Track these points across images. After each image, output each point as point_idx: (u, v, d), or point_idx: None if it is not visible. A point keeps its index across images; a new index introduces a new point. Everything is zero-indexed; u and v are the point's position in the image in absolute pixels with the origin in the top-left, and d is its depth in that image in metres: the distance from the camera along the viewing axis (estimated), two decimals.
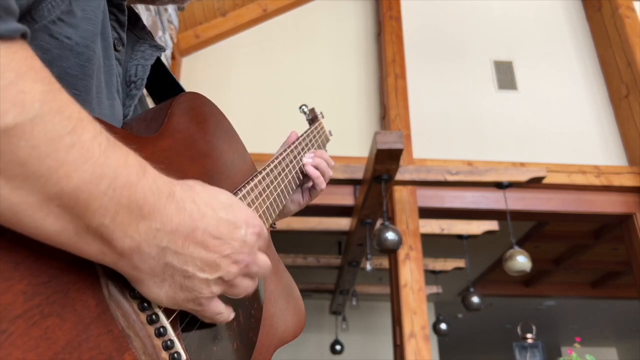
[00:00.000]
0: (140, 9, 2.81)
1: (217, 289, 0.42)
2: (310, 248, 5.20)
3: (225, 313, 0.45)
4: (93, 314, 0.35)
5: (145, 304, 0.39)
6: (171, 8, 3.68)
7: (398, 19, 4.34)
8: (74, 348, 0.32)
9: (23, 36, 0.31)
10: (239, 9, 4.44)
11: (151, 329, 0.39)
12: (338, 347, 6.11)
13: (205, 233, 0.40)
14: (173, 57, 4.01)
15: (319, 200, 3.47)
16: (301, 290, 0.72)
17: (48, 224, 0.32)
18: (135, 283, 0.39)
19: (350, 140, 3.97)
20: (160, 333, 0.39)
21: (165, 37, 3.51)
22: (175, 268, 0.39)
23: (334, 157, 0.95)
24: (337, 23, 4.62)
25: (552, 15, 4.65)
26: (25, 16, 0.41)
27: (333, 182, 3.47)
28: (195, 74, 4.21)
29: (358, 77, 4.36)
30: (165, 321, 0.40)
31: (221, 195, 0.44)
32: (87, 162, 0.32)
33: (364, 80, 4.34)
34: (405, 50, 4.23)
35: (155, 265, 0.38)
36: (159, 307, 0.40)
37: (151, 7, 3.12)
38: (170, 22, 3.66)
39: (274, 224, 0.84)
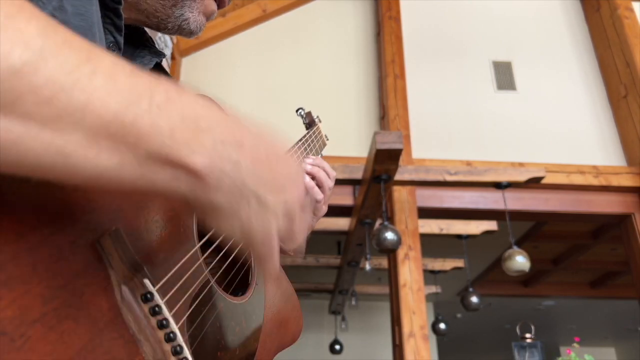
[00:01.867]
0: None
1: (282, 221, 0.40)
2: (309, 248, 5.17)
3: (278, 255, 0.43)
4: (106, 318, 0.35)
5: (156, 308, 0.39)
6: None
7: (397, 19, 4.35)
8: (88, 352, 0.32)
9: None
10: (239, 9, 4.45)
11: (161, 334, 0.39)
12: (337, 347, 6.12)
13: (267, 150, 0.39)
14: (173, 58, 4.01)
15: None
16: (300, 290, 0.73)
17: (105, 160, 0.29)
18: (212, 215, 0.36)
19: (350, 140, 3.98)
20: (170, 338, 0.39)
21: (165, 38, 3.51)
22: (250, 190, 0.37)
23: (333, 157, 0.95)
24: (336, 23, 4.63)
25: (551, 16, 4.66)
26: None
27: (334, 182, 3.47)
28: (195, 74, 4.22)
29: (357, 77, 4.37)
30: (174, 326, 0.40)
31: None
32: (116, 86, 0.30)
33: (363, 80, 4.35)
34: (404, 51, 4.24)
35: (233, 185, 0.35)
36: (169, 312, 0.40)
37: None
38: None
39: (291, 251, 0.83)
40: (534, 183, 3.33)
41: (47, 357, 0.29)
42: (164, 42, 3.51)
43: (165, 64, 3.50)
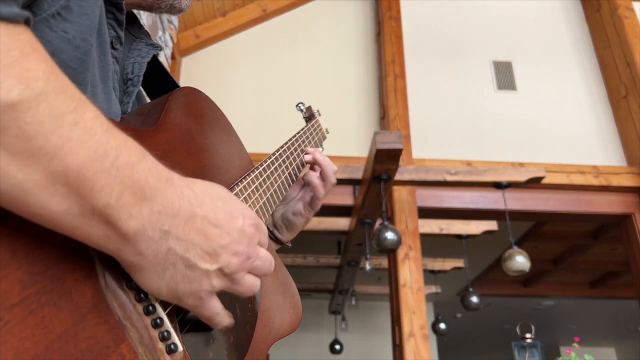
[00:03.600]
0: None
1: (217, 283, 0.42)
2: (309, 248, 5.20)
3: (222, 314, 0.44)
4: (90, 304, 0.35)
5: (142, 295, 0.39)
6: (167, 15, 3.68)
7: (397, 19, 4.35)
8: (71, 337, 0.32)
9: (26, 22, 0.32)
10: (239, 9, 4.45)
11: (148, 320, 0.39)
12: (337, 347, 6.12)
13: (204, 220, 0.40)
14: (173, 57, 4.01)
15: None
16: (300, 290, 0.73)
17: (54, 204, 0.32)
18: (136, 273, 0.38)
19: (350, 140, 3.98)
20: (157, 324, 0.39)
21: (165, 37, 3.51)
22: (177, 255, 0.39)
23: (333, 157, 0.94)
24: (336, 23, 4.63)
25: (551, 16, 4.65)
26: (26, 9, 0.41)
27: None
28: (195, 74, 4.22)
29: (357, 77, 4.36)
30: (162, 313, 0.40)
31: (217, 188, 0.44)
32: (90, 140, 0.33)
33: (364, 80, 4.35)
34: (404, 51, 4.23)
35: (158, 252, 0.38)
36: (156, 299, 0.40)
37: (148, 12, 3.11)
38: (170, 22, 3.66)
39: (290, 242, 0.83)
40: (534, 183, 3.32)
41: (27, 340, 0.29)
42: (164, 42, 3.51)
43: (165, 63, 3.50)
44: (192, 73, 4.22)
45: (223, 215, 0.42)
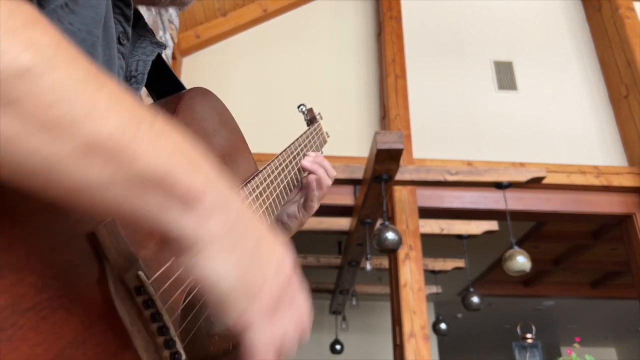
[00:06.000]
0: (141, 8, 2.82)
1: (269, 290, 0.36)
2: (310, 248, 5.20)
3: (272, 340, 0.36)
4: (99, 310, 0.34)
5: (150, 302, 0.39)
6: (171, 8, 3.68)
7: (398, 19, 4.35)
8: (80, 344, 0.32)
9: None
10: (240, 9, 4.45)
11: (154, 327, 0.39)
12: (338, 347, 6.12)
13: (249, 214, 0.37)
14: (174, 57, 4.02)
15: None
16: None
17: (94, 174, 0.28)
18: (199, 253, 0.33)
19: (350, 140, 3.98)
20: (163, 332, 0.39)
21: (165, 37, 3.51)
22: (247, 228, 0.34)
23: (333, 157, 0.94)
24: (337, 23, 4.63)
25: (552, 16, 4.65)
26: (33, 1, 0.41)
27: (333, 181, 3.47)
28: (195, 74, 4.22)
29: (358, 77, 4.36)
30: (168, 320, 0.40)
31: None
32: (120, 104, 0.30)
33: (364, 80, 4.35)
34: (405, 51, 4.23)
35: (225, 221, 0.33)
36: (163, 306, 0.40)
37: (152, 6, 3.12)
38: (170, 22, 3.66)
39: None
40: (535, 183, 3.32)
41: (38, 347, 0.29)
42: (165, 41, 3.51)
43: (166, 61, 3.50)
44: (192, 73, 4.22)
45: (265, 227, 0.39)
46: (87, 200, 0.29)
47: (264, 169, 0.67)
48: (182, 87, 0.69)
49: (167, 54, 3.55)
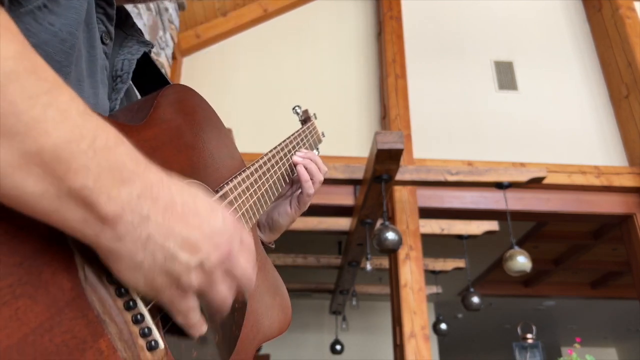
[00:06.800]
0: (142, 9, 2.82)
1: (196, 278, 0.40)
2: (310, 248, 5.20)
3: (196, 314, 0.42)
4: (67, 297, 0.34)
5: (123, 290, 0.38)
6: (172, 8, 3.68)
7: (398, 19, 4.35)
8: (46, 330, 0.32)
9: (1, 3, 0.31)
10: (240, 9, 4.45)
11: (128, 315, 0.38)
12: (338, 347, 6.11)
13: (184, 206, 0.39)
14: (174, 57, 4.01)
15: (318, 200, 3.47)
16: (301, 290, 0.73)
17: (29, 186, 0.31)
18: (114, 262, 0.37)
19: (351, 140, 3.98)
20: (138, 320, 0.39)
21: (166, 37, 3.51)
22: (157, 243, 0.37)
23: (334, 157, 0.94)
24: (337, 23, 4.63)
25: (552, 16, 4.65)
26: (13, 0, 0.41)
27: (333, 182, 3.47)
28: (196, 74, 4.22)
29: (358, 77, 4.36)
30: (143, 308, 0.39)
31: (195, 185, 0.43)
32: (65, 122, 0.32)
33: (364, 80, 4.35)
34: (405, 51, 4.23)
35: (138, 238, 0.36)
36: (137, 294, 0.40)
37: (152, 7, 3.12)
38: (171, 22, 3.66)
39: (273, 243, 0.83)
40: (535, 183, 3.32)
41: (0, 332, 0.29)
42: (165, 41, 3.51)
43: (166, 63, 3.50)
44: (193, 73, 4.22)
45: (203, 205, 0.41)
46: (19, 206, 0.32)
47: (252, 165, 0.66)
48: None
49: (167, 54, 3.55)
